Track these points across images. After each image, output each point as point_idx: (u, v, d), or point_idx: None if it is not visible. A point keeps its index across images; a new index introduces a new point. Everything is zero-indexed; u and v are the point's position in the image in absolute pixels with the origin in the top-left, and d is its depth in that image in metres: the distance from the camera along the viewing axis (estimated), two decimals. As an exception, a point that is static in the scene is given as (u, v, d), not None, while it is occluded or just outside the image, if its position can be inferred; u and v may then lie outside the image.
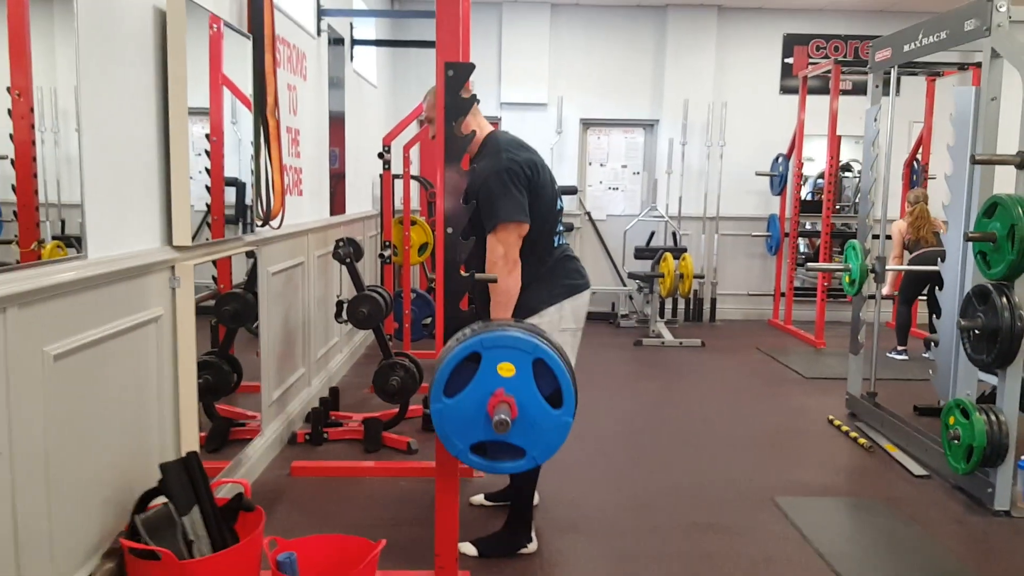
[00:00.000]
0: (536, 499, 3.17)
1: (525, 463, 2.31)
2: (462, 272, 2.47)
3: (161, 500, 2.33)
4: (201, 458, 2.45)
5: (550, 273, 2.91)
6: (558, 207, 2.97)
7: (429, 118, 3.06)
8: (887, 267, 4.57)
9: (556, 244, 2.96)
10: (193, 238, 2.80)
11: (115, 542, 2.31)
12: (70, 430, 2.11)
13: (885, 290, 5.95)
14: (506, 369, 2.24)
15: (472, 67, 2.40)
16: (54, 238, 2.17)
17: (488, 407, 2.23)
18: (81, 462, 2.18)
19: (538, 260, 2.87)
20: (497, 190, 2.70)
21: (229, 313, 3.61)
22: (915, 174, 7.56)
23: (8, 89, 1.94)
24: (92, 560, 2.25)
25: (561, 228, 3.02)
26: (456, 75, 2.34)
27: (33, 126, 2.02)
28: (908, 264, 6.14)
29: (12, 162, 1.99)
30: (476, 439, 2.27)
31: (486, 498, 3.35)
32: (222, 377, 3.64)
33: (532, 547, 2.94)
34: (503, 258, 2.71)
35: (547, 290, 2.88)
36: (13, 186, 2.01)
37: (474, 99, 2.49)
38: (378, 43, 6.81)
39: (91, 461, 2.23)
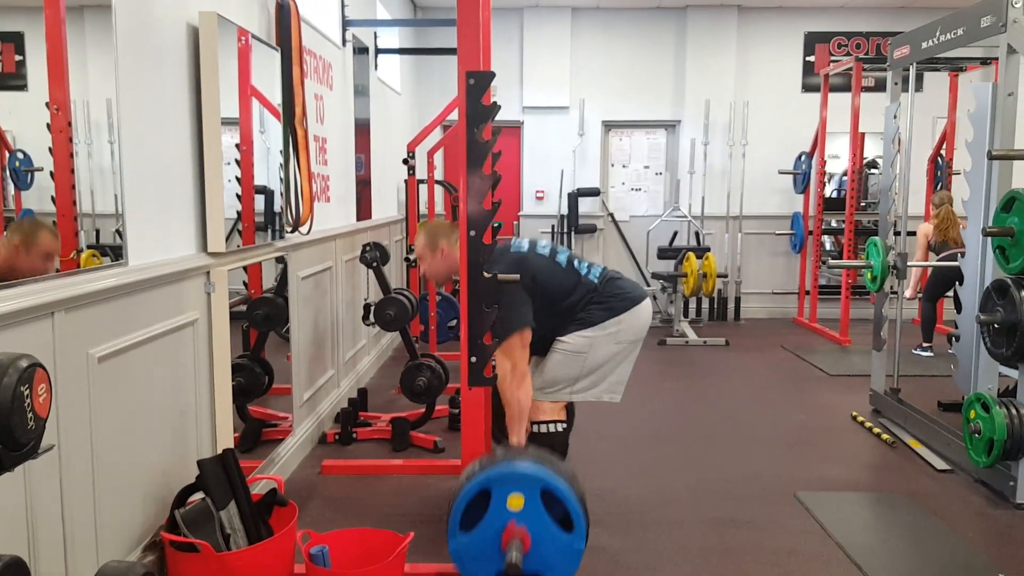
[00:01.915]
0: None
1: None
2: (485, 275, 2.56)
3: (199, 495, 2.43)
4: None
5: (603, 299, 3.10)
6: (563, 262, 3.14)
7: (420, 256, 3.24)
8: (908, 264, 4.57)
9: (593, 279, 3.13)
10: (225, 245, 2.90)
11: (156, 535, 2.41)
12: (114, 428, 2.21)
13: (908, 293, 5.94)
14: (516, 501, 2.37)
15: (492, 75, 2.48)
16: (89, 247, 2.26)
17: (502, 542, 2.36)
18: (124, 459, 2.28)
19: (587, 300, 3.08)
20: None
21: (261, 317, 3.73)
22: (939, 170, 7.52)
23: (47, 104, 2.04)
24: (135, 552, 2.36)
25: (585, 263, 3.19)
26: (477, 83, 2.43)
27: (71, 139, 2.10)
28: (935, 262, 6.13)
29: (51, 174, 2.09)
30: (495, 570, 2.40)
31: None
32: (254, 379, 3.75)
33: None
34: (511, 373, 2.89)
35: (604, 308, 3.08)
36: (52, 197, 2.11)
37: (495, 107, 2.57)
38: (401, 51, 6.92)
39: (133, 458, 2.34)
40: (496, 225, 2.82)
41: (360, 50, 5.51)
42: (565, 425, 3.15)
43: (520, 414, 2.94)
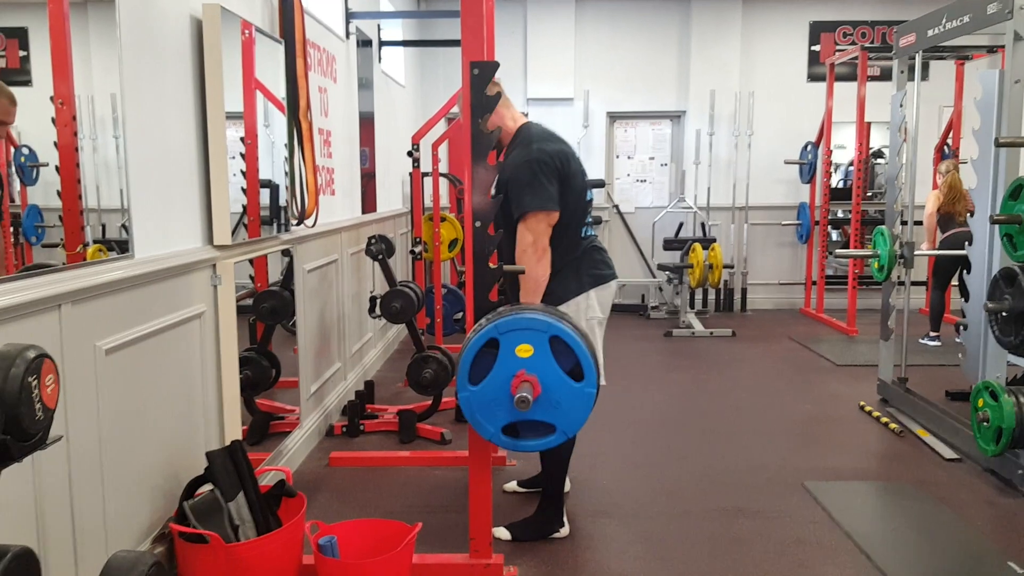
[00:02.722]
0: (568, 485, 3.24)
1: (556, 438, 2.40)
2: (492, 263, 2.56)
3: (208, 487, 2.44)
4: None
5: (578, 263, 2.97)
6: (587, 199, 3.03)
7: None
8: (916, 252, 4.56)
9: (584, 235, 3.02)
10: (231, 237, 2.91)
11: (165, 527, 2.43)
12: (122, 420, 2.22)
13: (924, 246, 5.92)
14: (524, 350, 2.33)
15: (496, 65, 2.48)
16: (95, 241, 2.27)
17: (511, 389, 2.32)
18: (132, 451, 2.29)
19: (566, 250, 2.93)
20: (527, 180, 2.76)
21: (267, 310, 3.73)
22: (945, 159, 7.48)
23: (51, 98, 2.05)
24: (144, 543, 2.37)
25: (590, 220, 3.08)
26: (481, 74, 2.43)
27: (76, 133, 2.11)
28: (939, 246, 6.10)
29: (56, 168, 2.10)
30: (505, 421, 2.37)
31: (519, 484, 3.44)
32: (261, 372, 3.76)
33: (564, 531, 3.01)
34: (532, 246, 2.77)
35: (575, 280, 2.94)
36: (58, 191, 2.12)
37: (499, 96, 2.57)
38: (405, 44, 6.91)
39: (141, 450, 2.35)
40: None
41: (364, 43, 5.50)
42: None
43: (536, 288, 2.81)
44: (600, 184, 8.04)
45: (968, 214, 5.92)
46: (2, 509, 1.72)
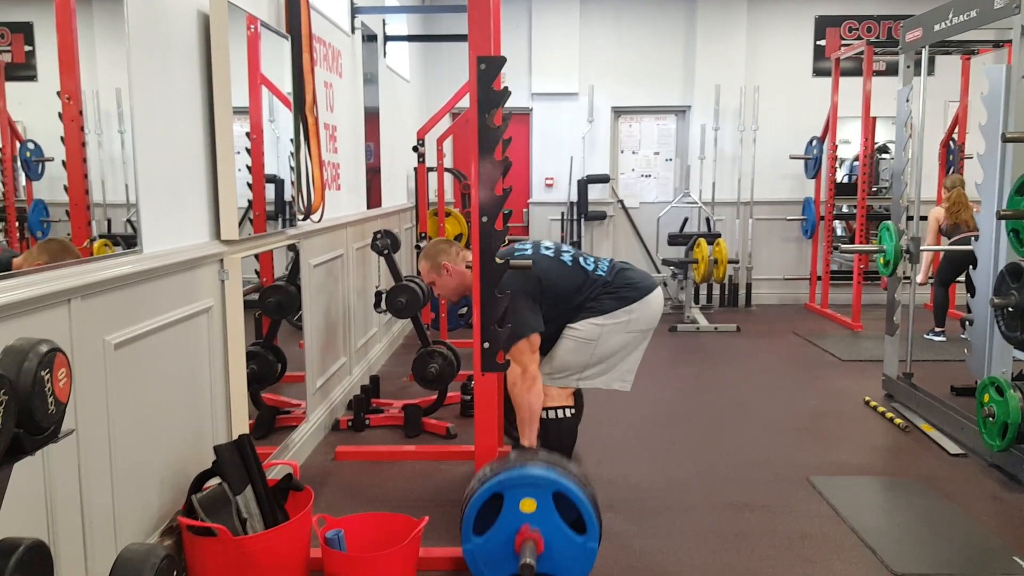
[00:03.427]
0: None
1: None
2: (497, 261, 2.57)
3: (216, 481, 2.45)
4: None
5: (613, 291, 3.12)
6: (570, 262, 3.15)
7: (429, 281, 3.34)
8: (922, 248, 4.55)
9: (599, 269, 3.16)
10: (238, 232, 2.91)
11: (173, 520, 2.44)
12: (130, 414, 2.23)
13: (919, 279, 5.90)
14: (528, 504, 2.40)
15: (503, 60, 2.48)
16: (101, 236, 2.27)
17: (515, 544, 2.39)
18: (141, 444, 2.30)
19: (597, 292, 3.10)
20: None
21: (273, 305, 3.75)
22: (951, 154, 7.47)
23: (58, 93, 2.05)
24: (152, 536, 2.38)
25: (589, 262, 3.20)
26: (488, 68, 2.43)
27: (83, 128, 2.11)
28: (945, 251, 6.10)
29: (63, 163, 2.11)
30: (509, 572, 2.43)
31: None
32: (267, 367, 3.77)
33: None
34: (521, 377, 2.94)
35: (614, 299, 3.11)
36: (65, 186, 2.12)
37: (506, 92, 2.57)
38: (410, 39, 6.91)
39: (150, 444, 2.36)
40: (507, 212, 2.83)
41: (369, 38, 5.50)
42: (573, 411, 3.16)
43: (531, 417, 2.98)
44: (604, 179, 8.04)
45: (974, 218, 5.92)
46: (14, 502, 1.73)
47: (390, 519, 2.61)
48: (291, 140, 3.52)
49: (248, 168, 3.23)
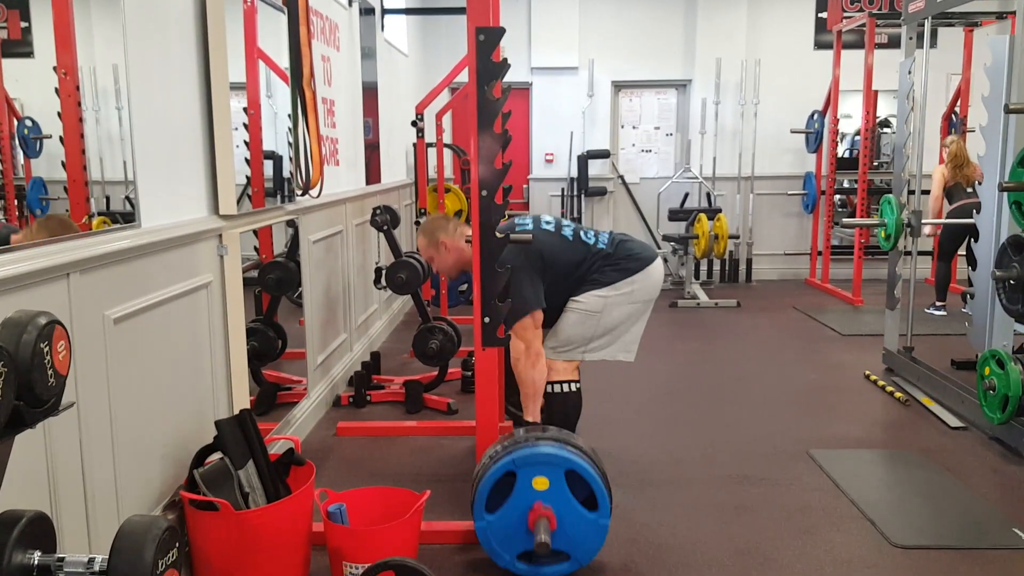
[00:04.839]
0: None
1: (570, 565, 2.48)
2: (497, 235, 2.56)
3: (217, 455, 2.46)
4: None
5: (615, 262, 3.12)
6: (571, 237, 3.13)
7: (427, 257, 3.35)
8: (923, 221, 4.54)
9: (599, 242, 3.14)
10: (236, 207, 2.90)
11: (175, 495, 2.44)
12: (131, 389, 2.23)
13: (927, 230, 5.87)
14: (541, 483, 2.41)
15: (502, 31, 2.45)
16: (99, 213, 2.25)
17: (528, 522, 2.40)
18: (142, 419, 2.30)
19: (599, 265, 3.09)
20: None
21: (273, 281, 3.74)
22: (953, 127, 7.43)
23: (55, 68, 2.03)
24: (154, 511, 2.39)
25: (590, 235, 3.18)
26: (487, 39, 2.40)
27: (80, 104, 2.09)
28: (946, 216, 6.07)
29: (60, 140, 2.09)
30: (521, 549, 2.45)
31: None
32: (268, 343, 3.78)
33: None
34: (524, 354, 2.94)
35: (616, 270, 3.11)
36: (63, 163, 2.11)
37: (505, 64, 2.54)
38: (408, 12, 6.85)
39: (151, 418, 2.36)
40: (506, 187, 2.82)
41: (366, 11, 5.45)
42: (579, 384, 3.16)
43: (535, 393, 2.99)
44: (605, 155, 8.01)
45: (976, 183, 5.89)
46: (17, 475, 1.73)
47: (392, 493, 2.62)
48: (289, 115, 3.49)
49: (246, 144, 3.21)
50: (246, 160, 3.21)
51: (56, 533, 1.31)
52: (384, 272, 4.23)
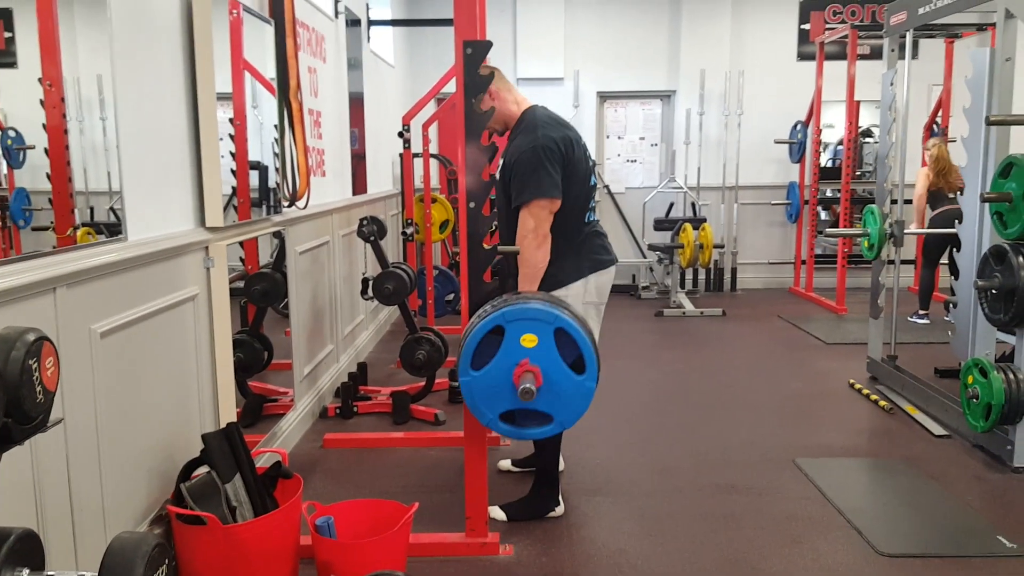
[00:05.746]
0: (562, 464, 3.26)
1: (552, 428, 2.42)
2: (487, 244, 2.56)
3: (204, 469, 2.44)
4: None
5: (579, 248, 2.97)
6: (591, 184, 3.03)
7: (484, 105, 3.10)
8: (905, 231, 4.58)
9: (587, 220, 3.03)
10: (223, 219, 2.89)
11: (162, 509, 2.43)
12: (118, 403, 2.22)
13: (913, 226, 5.90)
14: (529, 340, 2.35)
15: (490, 45, 2.47)
16: (83, 224, 2.24)
17: (514, 377, 2.34)
18: (129, 433, 2.29)
19: (568, 235, 2.93)
20: (531, 166, 2.76)
21: (259, 292, 3.72)
22: (934, 137, 7.50)
23: (40, 80, 2.02)
24: (142, 525, 2.37)
25: (593, 204, 3.08)
26: (474, 53, 2.42)
27: (65, 115, 2.08)
28: (929, 223, 6.12)
29: (45, 151, 2.08)
30: (504, 408, 2.39)
31: (513, 464, 3.45)
32: (254, 355, 3.75)
33: (559, 510, 3.03)
34: (533, 232, 2.78)
35: (574, 264, 2.95)
36: (47, 174, 2.09)
37: (492, 75, 2.56)
38: (394, 23, 6.86)
39: (138, 432, 2.35)
40: (493, 198, 2.82)
41: (353, 22, 5.46)
42: None
43: (535, 274, 2.82)
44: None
45: (958, 191, 5.95)
46: (3, 492, 1.72)
47: (380, 505, 2.61)
48: (275, 126, 3.49)
49: (232, 154, 3.20)
50: (232, 171, 3.20)
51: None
52: (371, 283, 4.22)
